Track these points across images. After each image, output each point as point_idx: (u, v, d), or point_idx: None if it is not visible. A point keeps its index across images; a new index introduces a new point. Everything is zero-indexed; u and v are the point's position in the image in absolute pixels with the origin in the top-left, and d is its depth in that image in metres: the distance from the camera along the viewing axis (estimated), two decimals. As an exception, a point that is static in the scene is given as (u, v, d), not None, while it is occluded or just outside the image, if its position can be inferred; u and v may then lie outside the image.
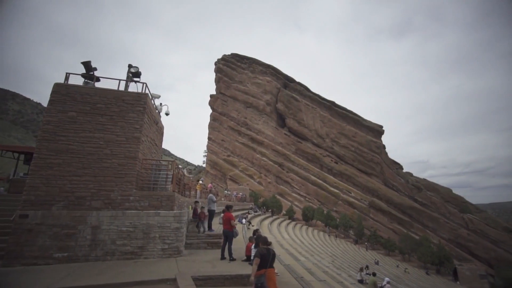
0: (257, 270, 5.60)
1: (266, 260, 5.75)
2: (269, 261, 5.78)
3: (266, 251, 5.89)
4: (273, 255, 5.99)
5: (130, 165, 9.54)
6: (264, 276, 5.64)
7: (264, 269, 5.68)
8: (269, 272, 5.75)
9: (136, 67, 11.11)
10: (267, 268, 5.73)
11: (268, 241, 6.25)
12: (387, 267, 34.61)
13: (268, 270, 5.74)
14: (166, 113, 13.87)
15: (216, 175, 74.98)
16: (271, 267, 5.85)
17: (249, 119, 78.92)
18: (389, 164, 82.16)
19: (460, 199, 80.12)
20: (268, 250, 5.94)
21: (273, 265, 5.96)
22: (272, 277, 5.78)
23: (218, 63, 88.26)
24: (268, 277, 5.67)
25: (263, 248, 6.00)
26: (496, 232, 66.47)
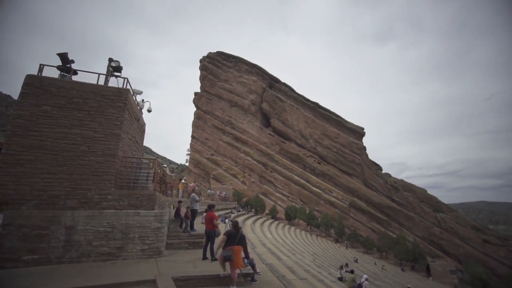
0: (225, 247, 7.04)
1: (234, 238, 7.10)
2: (236, 239, 7.11)
3: (234, 231, 7.28)
4: (240, 236, 7.28)
5: (109, 163, 9.18)
6: (231, 251, 6.90)
7: (231, 245, 7.01)
8: (236, 248, 7.01)
9: (117, 61, 10.70)
10: (234, 245, 7.03)
11: (238, 226, 7.53)
12: (366, 265, 35.74)
13: (235, 247, 7.02)
14: (148, 110, 13.50)
15: (199, 174, 74.02)
16: (238, 245, 7.11)
17: (233, 118, 78.58)
18: (369, 165, 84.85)
19: (434, 199, 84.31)
20: (237, 232, 7.29)
21: (241, 244, 7.20)
22: (238, 252, 7.02)
23: (203, 61, 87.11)
24: (235, 252, 6.92)
25: (231, 230, 7.41)
26: (465, 230, 70.67)
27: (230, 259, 6.85)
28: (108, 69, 10.79)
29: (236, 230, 7.36)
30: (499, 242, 70.18)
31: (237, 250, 7.01)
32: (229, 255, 6.86)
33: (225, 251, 6.97)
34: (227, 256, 6.87)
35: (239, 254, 7.04)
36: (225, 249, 7.02)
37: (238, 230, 7.38)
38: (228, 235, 7.24)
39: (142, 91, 12.23)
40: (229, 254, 6.87)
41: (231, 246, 7.02)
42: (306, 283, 10.88)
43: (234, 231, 7.33)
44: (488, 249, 67.30)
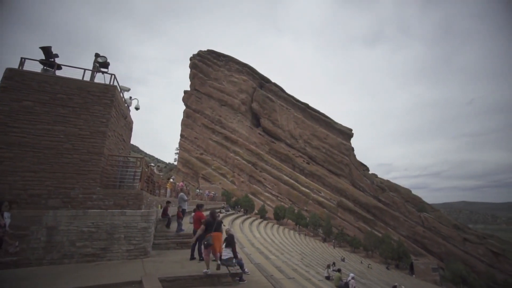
0: (204, 234, 7.45)
1: (211, 226, 7.48)
2: (213, 227, 7.48)
3: (211, 219, 7.63)
4: (217, 223, 7.66)
5: (94, 161, 8.91)
6: (211, 237, 7.27)
7: (210, 232, 7.37)
8: (215, 235, 7.36)
9: (104, 56, 10.41)
10: (212, 231, 7.39)
11: (216, 214, 7.89)
12: (352, 263, 36.38)
13: (214, 233, 7.37)
14: (136, 108, 13.20)
15: (188, 174, 73.24)
16: (216, 231, 7.46)
17: (223, 118, 78.21)
18: (357, 165, 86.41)
19: (418, 199, 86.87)
20: (214, 220, 7.63)
21: (218, 230, 7.58)
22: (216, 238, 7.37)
23: (194, 59, 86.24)
24: (214, 238, 7.29)
25: (209, 218, 7.73)
26: (447, 229, 73.19)
27: (210, 243, 7.22)
28: (94, 64, 10.47)
29: (213, 218, 7.68)
30: (478, 240, 73.12)
31: (215, 236, 7.38)
32: (208, 241, 7.25)
33: (205, 238, 7.36)
34: (207, 242, 7.25)
35: (217, 239, 7.45)
36: (206, 236, 7.40)
37: (215, 218, 7.72)
38: (206, 224, 7.56)
39: (129, 88, 11.96)
40: (209, 239, 7.26)
41: (209, 232, 7.38)
42: (294, 282, 10.96)
43: (211, 219, 7.66)
44: (468, 247, 70.01)
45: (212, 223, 7.61)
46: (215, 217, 7.82)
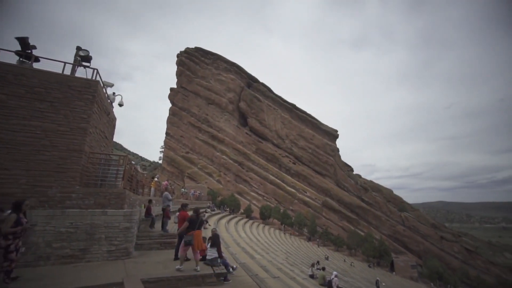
0: (187, 232, 7.53)
1: (195, 224, 7.63)
2: (196, 225, 7.65)
3: (195, 218, 7.74)
4: (200, 221, 7.86)
5: (74, 159, 8.55)
6: (192, 236, 7.47)
7: (192, 231, 7.54)
8: (196, 233, 7.60)
9: (86, 50, 10.01)
10: (195, 230, 7.59)
11: (199, 211, 8.10)
12: (336, 262, 37.11)
13: (196, 232, 7.60)
14: (119, 104, 12.81)
15: (173, 173, 72.01)
16: (198, 229, 7.72)
17: (210, 116, 77.50)
18: (341, 166, 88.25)
19: (399, 199, 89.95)
20: (197, 217, 7.77)
21: (201, 228, 7.89)
22: (198, 236, 7.66)
23: (181, 56, 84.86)
24: (195, 236, 7.53)
25: (193, 215, 7.83)
26: (425, 228, 76.29)
27: (191, 243, 7.47)
28: (75, 58, 10.04)
29: (197, 216, 7.85)
30: (454, 238, 76.76)
31: (196, 234, 7.63)
32: (190, 240, 7.47)
33: (187, 236, 7.53)
34: (188, 241, 7.47)
35: (199, 237, 7.74)
36: (187, 235, 7.55)
37: (198, 216, 7.89)
38: (189, 221, 7.67)
39: (113, 84, 11.57)
40: (190, 239, 7.48)
41: (193, 231, 7.58)
42: (278, 281, 11.02)
43: (195, 217, 7.79)
44: (444, 245, 73.32)
45: (195, 220, 7.72)
46: (198, 214, 7.96)
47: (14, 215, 5.67)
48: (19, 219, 5.71)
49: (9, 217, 5.61)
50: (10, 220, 5.56)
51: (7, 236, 5.52)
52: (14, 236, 5.65)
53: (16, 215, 5.69)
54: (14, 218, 5.61)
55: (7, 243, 5.52)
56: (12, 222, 5.55)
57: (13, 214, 5.69)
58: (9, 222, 5.54)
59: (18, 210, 5.83)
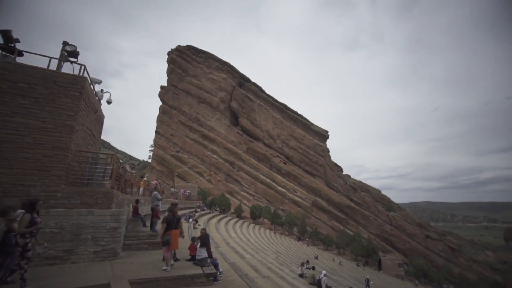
0: (165, 232, 7.68)
1: (172, 223, 7.80)
2: (173, 224, 7.83)
3: (171, 217, 7.88)
4: (177, 219, 8.02)
5: (59, 157, 8.29)
6: (170, 236, 7.64)
7: (170, 230, 7.72)
8: (173, 233, 7.77)
9: (73, 45, 9.72)
10: (172, 229, 7.76)
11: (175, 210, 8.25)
12: (325, 261, 37.54)
13: (173, 231, 7.77)
14: (108, 101, 12.52)
15: (162, 172, 71.06)
16: (175, 229, 7.88)
17: (201, 115, 76.91)
18: (331, 166, 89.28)
19: (387, 199, 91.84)
20: (174, 217, 7.92)
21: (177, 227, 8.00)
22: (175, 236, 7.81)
23: (172, 54, 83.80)
24: (172, 235, 7.70)
25: (170, 215, 7.98)
26: (412, 227, 78.20)
27: (169, 242, 7.60)
28: (62, 53, 9.75)
29: (173, 215, 8.00)
30: (438, 237, 79.01)
31: (174, 233, 7.79)
32: (167, 239, 7.62)
33: (164, 236, 7.68)
34: (166, 240, 7.61)
35: (175, 237, 7.90)
36: (165, 234, 7.70)
37: (175, 215, 8.03)
38: (167, 221, 7.82)
39: (101, 80, 11.30)
40: (168, 238, 7.63)
41: (170, 231, 7.76)
42: (268, 281, 11.04)
43: (171, 217, 7.95)
44: (429, 244, 75.38)
45: (172, 220, 7.87)
46: (175, 214, 8.09)
47: (28, 215, 5.74)
48: (33, 218, 5.80)
49: (24, 217, 5.69)
50: (25, 220, 5.65)
51: (24, 235, 5.63)
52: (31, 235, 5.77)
53: (30, 215, 5.77)
54: (29, 218, 5.71)
55: (25, 241, 5.63)
56: (27, 222, 5.65)
57: (27, 214, 5.76)
58: (24, 221, 5.63)
59: (32, 209, 5.90)
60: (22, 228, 5.59)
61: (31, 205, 5.90)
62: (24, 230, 5.59)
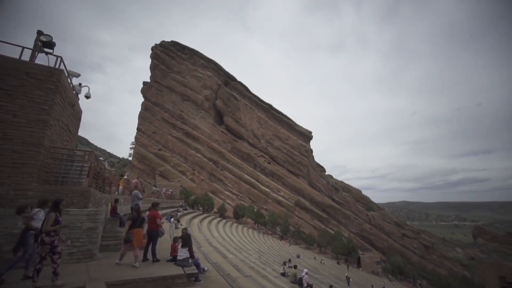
0: (129, 230, 7.93)
1: (136, 222, 8.01)
2: (137, 223, 8.04)
3: (137, 216, 8.12)
4: (141, 219, 8.22)
5: (32, 153, 7.83)
6: (132, 234, 7.86)
7: (133, 229, 7.92)
8: (136, 231, 7.95)
9: (49, 35, 9.20)
10: (135, 228, 7.95)
11: (140, 210, 8.63)
12: (307, 260, 38.11)
13: (136, 229, 7.96)
14: (86, 96, 11.98)
15: (143, 170, 69.14)
16: (139, 227, 8.07)
17: (185, 113, 75.60)
18: (314, 167, 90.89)
19: (367, 199, 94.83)
20: (139, 216, 8.15)
21: (140, 226, 8.16)
22: (137, 234, 7.98)
23: (156, 49, 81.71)
24: (134, 234, 7.91)
25: (135, 214, 8.26)
26: (390, 226, 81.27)
27: (130, 240, 7.84)
28: (36, 43, 9.19)
29: (138, 214, 8.25)
30: (413, 235, 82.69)
31: (136, 232, 7.98)
32: (129, 237, 7.86)
33: (127, 234, 7.92)
34: (127, 238, 7.88)
35: (137, 235, 8.04)
36: (127, 232, 7.93)
37: (139, 214, 8.29)
38: (132, 220, 8.08)
39: (79, 74, 10.80)
40: (129, 236, 7.86)
41: (133, 229, 7.97)
42: (250, 280, 11.04)
43: (137, 215, 8.19)
44: (405, 242, 78.72)
45: (137, 218, 8.08)
46: (140, 213, 8.36)
47: (53, 214, 5.97)
48: (57, 217, 6.03)
49: (49, 216, 5.93)
50: (50, 219, 5.89)
51: (49, 233, 5.86)
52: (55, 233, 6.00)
53: (55, 214, 6.00)
54: (53, 217, 5.94)
55: (51, 240, 5.88)
56: (52, 221, 5.89)
57: (52, 213, 5.98)
58: (50, 220, 5.88)
59: (56, 209, 6.11)
60: (48, 227, 5.80)
61: (55, 204, 6.12)
62: (50, 229, 5.82)
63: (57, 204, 6.13)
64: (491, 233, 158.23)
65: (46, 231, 5.79)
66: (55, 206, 6.08)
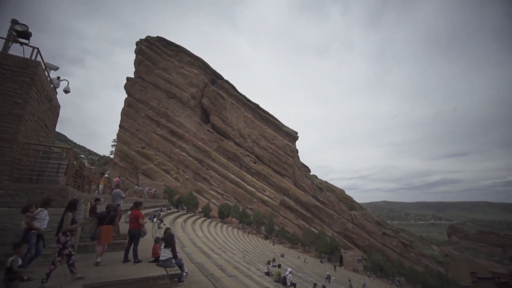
0: (97, 227, 7.80)
1: (103, 220, 7.88)
2: (106, 220, 7.90)
3: (105, 214, 8.03)
4: (111, 217, 8.09)
5: (3, 149, 7.39)
6: (99, 231, 7.66)
7: (101, 225, 7.77)
8: (104, 228, 7.76)
9: (25, 25, 8.69)
10: (103, 225, 7.78)
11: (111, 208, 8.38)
12: (291, 259, 38.52)
13: (104, 226, 7.76)
14: (65, 90, 11.45)
15: (126, 168, 67.20)
16: (107, 224, 7.88)
17: (170, 111, 74.17)
18: (299, 166, 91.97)
19: (350, 198, 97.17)
20: (108, 214, 8.02)
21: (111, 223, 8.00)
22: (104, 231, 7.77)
23: (141, 44, 79.53)
24: (103, 230, 7.68)
25: (104, 212, 8.18)
26: (371, 225, 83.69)
27: (96, 237, 7.71)
28: (10, 32, 8.66)
29: (108, 212, 8.18)
30: (393, 234, 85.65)
31: (104, 228, 7.85)
32: (95, 234, 7.76)
33: (94, 231, 7.82)
34: (93, 234, 7.78)
35: (105, 232, 7.90)
36: (96, 229, 7.84)
37: (109, 212, 8.21)
38: (98, 218, 8.04)
39: (58, 67, 10.30)
40: (97, 233, 7.74)
41: (101, 225, 7.85)
42: (234, 280, 10.99)
43: (105, 213, 8.13)
44: (386, 240, 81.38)
45: (105, 216, 8.03)
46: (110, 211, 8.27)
47: (70, 214, 6.05)
48: (74, 217, 6.13)
49: (67, 216, 6.01)
50: (68, 218, 5.98)
51: (66, 233, 5.94)
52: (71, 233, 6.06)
53: (72, 214, 6.09)
54: (71, 217, 6.04)
55: (66, 239, 5.94)
56: (70, 220, 5.97)
57: (69, 213, 6.06)
58: (68, 220, 5.96)
59: (73, 209, 6.21)
60: (67, 226, 5.90)
61: (72, 204, 6.25)
62: (69, 228, 5.93)
63: (74, 204, 6.28)
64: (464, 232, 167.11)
65: (65, 230, 5.91)
66: (71, 206, 6.20)
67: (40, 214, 6.32)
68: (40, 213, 6.32)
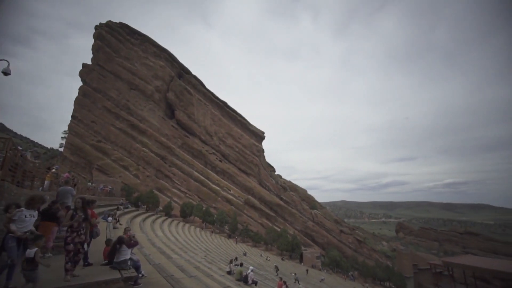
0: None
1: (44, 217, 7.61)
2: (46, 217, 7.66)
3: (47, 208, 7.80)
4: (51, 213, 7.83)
5: None
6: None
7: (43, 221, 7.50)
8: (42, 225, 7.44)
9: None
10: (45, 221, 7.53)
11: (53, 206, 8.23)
12: (253, 257, 38.82)
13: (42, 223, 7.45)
14: (3, 72, 10.00)
15: (78, 163, 61.57)
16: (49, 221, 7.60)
17: (132, 103, 69.77)
18: (265, 166, 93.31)
19: (311, 198, 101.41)
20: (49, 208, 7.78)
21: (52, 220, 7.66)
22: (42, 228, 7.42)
23: (101, 29, 73.42)
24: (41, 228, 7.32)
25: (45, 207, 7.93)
26: (330, 223, 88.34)
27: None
28: None
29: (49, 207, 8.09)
30: (349, 231, 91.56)
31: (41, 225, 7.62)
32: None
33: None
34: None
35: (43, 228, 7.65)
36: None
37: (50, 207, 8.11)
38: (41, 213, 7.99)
39: (-4, 43, 8.92)
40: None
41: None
42: (195, 280, 10.67)
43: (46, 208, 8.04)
44: (342, 237, 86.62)
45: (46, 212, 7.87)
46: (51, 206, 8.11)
47: (71, 211, 6.19)
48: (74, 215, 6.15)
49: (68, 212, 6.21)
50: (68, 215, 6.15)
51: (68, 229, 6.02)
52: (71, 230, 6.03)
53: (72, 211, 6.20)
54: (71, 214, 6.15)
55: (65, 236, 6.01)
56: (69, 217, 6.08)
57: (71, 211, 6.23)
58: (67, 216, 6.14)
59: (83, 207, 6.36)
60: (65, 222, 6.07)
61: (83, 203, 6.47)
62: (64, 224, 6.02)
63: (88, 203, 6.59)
64: (409, 228, 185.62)
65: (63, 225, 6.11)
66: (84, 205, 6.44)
67: (18, 215, 5.69)
68: (17, 214, 5.68)
